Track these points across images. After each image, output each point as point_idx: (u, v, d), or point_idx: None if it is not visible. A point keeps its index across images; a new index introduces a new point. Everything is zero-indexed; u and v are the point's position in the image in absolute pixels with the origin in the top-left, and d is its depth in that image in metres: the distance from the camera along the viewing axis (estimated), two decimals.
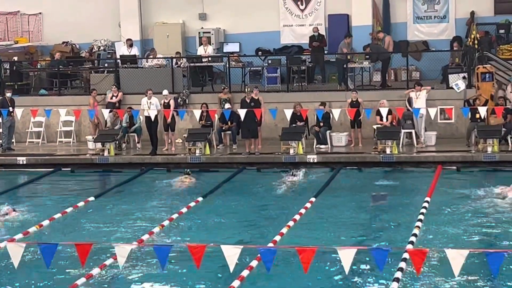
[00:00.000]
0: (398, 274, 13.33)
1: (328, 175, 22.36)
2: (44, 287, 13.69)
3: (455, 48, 27.05)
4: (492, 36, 27.83)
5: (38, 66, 30.19)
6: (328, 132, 24.42)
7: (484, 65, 24.86)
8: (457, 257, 10.50)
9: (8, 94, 25.67)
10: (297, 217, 17.71)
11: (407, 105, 24.16)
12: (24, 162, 24.74)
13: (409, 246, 14.77)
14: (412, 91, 24.07)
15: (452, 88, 24.96)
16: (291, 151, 23.74)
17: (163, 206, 19.56)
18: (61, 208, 19.13)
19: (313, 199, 19.40)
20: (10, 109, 25.13)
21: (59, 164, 24.63)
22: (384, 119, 23.97)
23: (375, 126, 24.10)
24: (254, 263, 14.09)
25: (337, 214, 18.14)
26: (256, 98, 24.27)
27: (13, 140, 26.30)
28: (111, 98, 26.24)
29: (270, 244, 15.12)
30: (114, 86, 26.38)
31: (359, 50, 27.93)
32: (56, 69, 28.58)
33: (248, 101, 24.16)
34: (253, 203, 19.66)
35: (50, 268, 11.51)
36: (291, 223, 17.14)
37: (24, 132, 27.08)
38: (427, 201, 18.55)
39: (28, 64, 30.30)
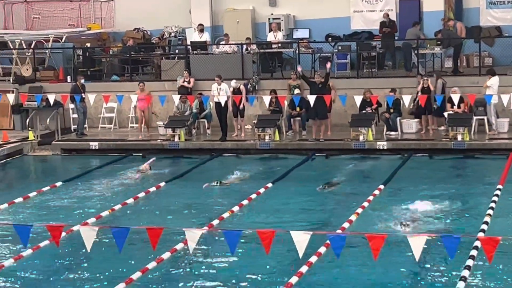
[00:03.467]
0: (470, 262, 13.20)
1: (398, 162, 22.19)
2: (115, 270, 13.89)
3: None
4: None
5: (110, 52, 30.54)
6: (398, 118, 24.21)
7: None
8: None
9: (82, 81, 26.04)
10: (365, 204, 17.65)
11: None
12: (97, 147, 25.10)
13: (481, 234, 14.60)
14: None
15: None
16: (361, 137, 23.61)
17: (233, 191, 19.64)
18: (132, 193, 19.39)
19: (382, 186, 19.29)
20: (83, 95, 25.43)
21: (131, 150, 24.93)
22: (456, 106, 23.65)
23: (446, 113, 23.80)
24: (322, 249, 14.09)
25: (405, 201, 17.96)
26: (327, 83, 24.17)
27: (86, 126, 26.69)
28: (183, 83, 26.29)
29: (339, 231, 15.09)
30: (186, 71, 26.47)
31: (431, 35, 27.57)
32: (128, 55, 28.89)
33: (317, 82, 23.96)
34: (322, 189, 19.60)
35: (122, 252, 11.65)
36: (359, 210, 17.09)
37: (97, 117, 27.44)
38: (499, 189, 18.30)
39: (100, 50, 30.66)
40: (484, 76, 24.23)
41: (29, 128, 26.45)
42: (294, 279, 12.93)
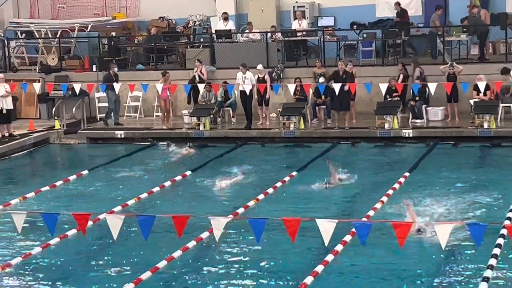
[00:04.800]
0: (496, 250, 13.14)
1: (423, 150, 22.11)
2: (141, 258, 13.97)
3: None
4: None
5: (135, 41, 30.61)
6: (424, 106, 24.11)
7: None
8: None
9: (115, 69, 26.10)
10: (390, 192, 17.62)
11: None
12: (122, 136, 25.21)
13: (507, 222, 14.53)
14: None
15: None
16: (386, 125, 23.54)
17: (258, 179, 19.65)
18: (158, 182, 19.46)
19: (407, 174, 19.24)
20: (115, 84, 25.35)
21: (156, 138, 25.01)
22: (482, 94, 23.51)
23: (472, 101, 23.67)
24: (347, 237, 14.09)
25: (431, 189, 17.94)
26: (350, 71, 24.11)
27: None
28: (197, 72, 26.12)
29: (364, 219, 15.08)
30: (197, 61, 26.39)
31: (456, 22, 27.40)
32: (153, 44, 28.95)
33: (341, 73, 23.96)
34: (347, 178, 19.55)
35: (147, 240, 11.71)
36: (384, 198, 17.06)
37: (122, 106, 27.43)
38: None
39: (125, 39, 30.75)
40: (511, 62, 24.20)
41: (55, 117, 26.60)
42: (319, 268, 12.96)
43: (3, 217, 14.91)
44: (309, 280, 12.47)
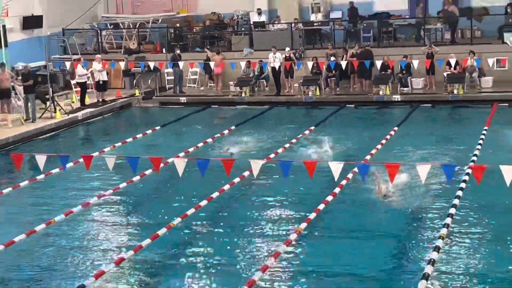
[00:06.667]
0: (460, 192, 13.06)
1: (408, 111, 21.97)
2: (200, 191, 14.12)
3: (509, 11, 25.74)
4: None
5: (194, 31, 30.51)
6: (409, 78, 23.88)
7: None
8: None
9: (178, 51, 26.11)
10: (383, 141, 17.58)
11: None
12: (185, 101, 25.28)
13: (471, 163, 14.43)
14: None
15: (506, 43, 23.92)
16: (381, 92, 23.38)
17: (285, 132, 19.68)
18: (211, 134, 19.55)
19: (396, 128, 19.17)
20: (179, 62, 25.32)
21: (209, 103, 25.06)
22: (453, 68, 23.24)
23: (445, 73, 23.41)
24: (350, 175, 14.14)
25: (414, 140, 17.89)
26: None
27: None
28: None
29: (363, 162, 15.06)
30: (207, 50, 26.31)
31: (434, 14, 26.97)
32: (207, 32, 28.85)
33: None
34: (351, 132, 19.51)
35: (204, 177, 11.83)
36: (379, 146, 17.04)
37: (184, 79, 27.45)
38: (484, 132, 18.02)
39: (186, 29, 30.66)
40: (475, 44, 23.88)
41: (136, 87, 26.73)
42: (329, 198, 13.07)
43: (99, 160, 15.09)
44: (321, 206, 12.63)
